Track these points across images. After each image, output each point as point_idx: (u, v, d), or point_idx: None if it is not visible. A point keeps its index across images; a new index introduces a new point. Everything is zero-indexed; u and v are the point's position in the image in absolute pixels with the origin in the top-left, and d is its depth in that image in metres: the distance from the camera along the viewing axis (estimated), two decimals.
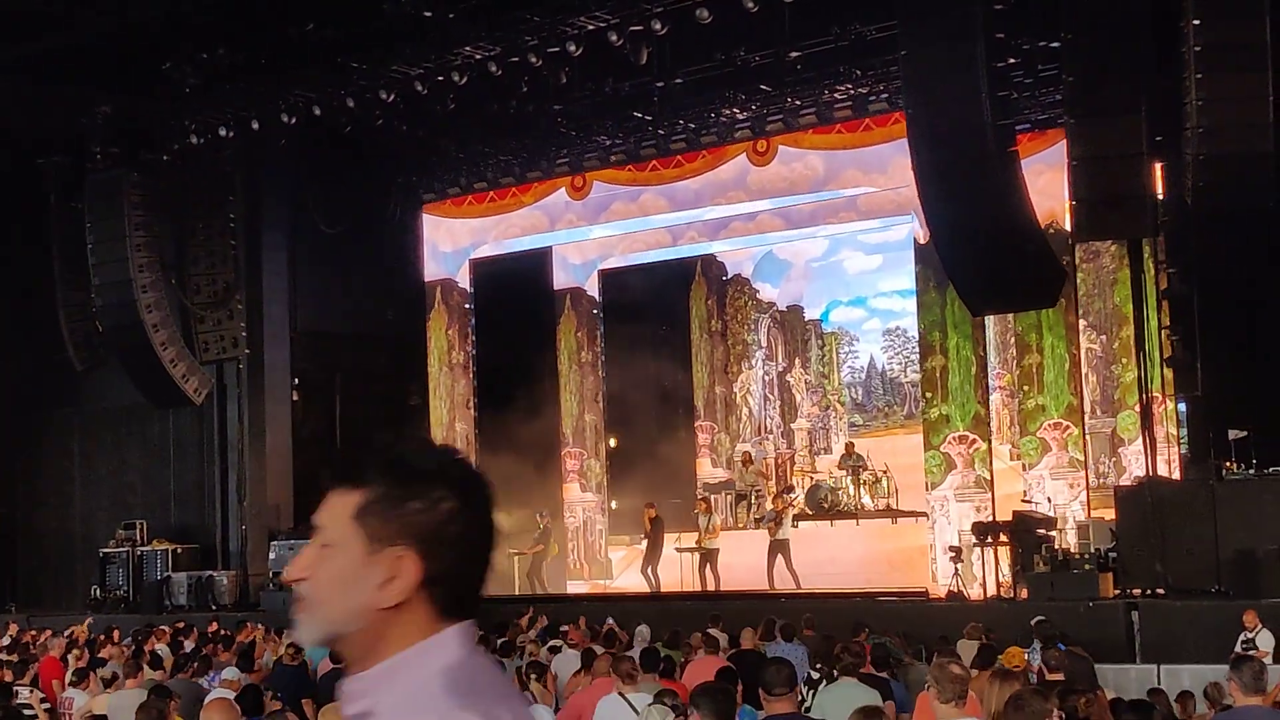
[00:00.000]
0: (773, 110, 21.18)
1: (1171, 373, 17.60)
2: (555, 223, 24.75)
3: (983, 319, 19.87)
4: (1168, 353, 17.41)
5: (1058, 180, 17.35)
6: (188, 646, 15.58)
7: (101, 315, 22.41)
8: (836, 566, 21.04)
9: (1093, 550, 16.46)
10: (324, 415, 24.15)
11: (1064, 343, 19.91)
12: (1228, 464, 15.53)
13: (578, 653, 12.37)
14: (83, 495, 26.19)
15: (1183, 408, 17.79)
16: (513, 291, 25.28)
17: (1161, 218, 16.22)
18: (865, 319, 24.96)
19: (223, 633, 17.00)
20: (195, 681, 11.94)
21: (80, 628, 18.30)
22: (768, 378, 25.89)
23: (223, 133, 21.16)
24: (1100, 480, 19.46)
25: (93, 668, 12.88)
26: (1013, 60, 16.50)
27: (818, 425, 25.31)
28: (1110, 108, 14.53)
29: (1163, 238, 17.15)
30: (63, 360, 24.43)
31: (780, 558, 20.21)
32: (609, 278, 26.08)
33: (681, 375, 26.04)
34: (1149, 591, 15.45)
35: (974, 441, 20.08)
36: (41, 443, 26.92)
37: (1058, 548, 16.98)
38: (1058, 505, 19.08)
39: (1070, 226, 16.80)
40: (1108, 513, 17.46)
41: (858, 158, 21.37)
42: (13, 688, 11.97)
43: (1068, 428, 19.78)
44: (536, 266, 25.53)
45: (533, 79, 18.76)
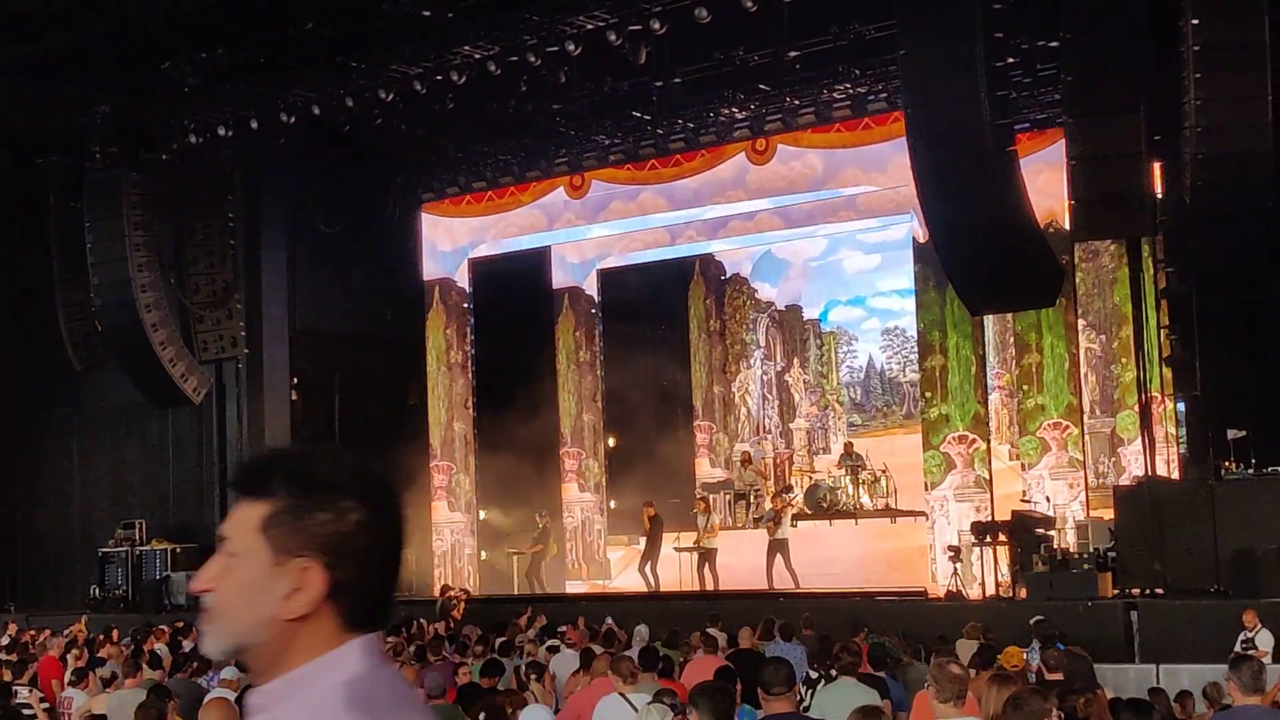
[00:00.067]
0: (771, 110, 21.16)
1: (1170, 372, 17.61)
2: (554, 222, 24.71)
3: (982, 318, 19.85)
4: (1167, 352, 17.41)
5: (1057, 179, 17.33)
6: (187, 646, 15.55)
7: (100, 315, 22.39)
8: (835, 566, 21.04)
9: (1092, 550, 16.46)
10: (323, 415, 24.13)
11: (1063, 342, 19.89)
12: (1227, 463, 15.55)
13: (576, 653, 12.38)
14: (82, 495, 26.17)
15: (1182, 407, 17.80)
16: (511, 291, 25.25)
17: (1160, 217, 16.22)
18: (864, 318, 24.97)
19: None
20: (194, 681, 11.94)
21: (78, 626, 18.30)
22: (766, 377, 25.90)
23: (222, 132, 21.14)
24: (1099, 480, 19.45)
25: (92, 667, 12.87)
26: (1012, 60, 16.49)
27: (816, 425, 25.33)
28: (1109, 107, 14.53)
29: (1161, 237, 17.14)
30: (62, 360, 24.41)
31: (779, 557, 20.20)
32: (607, 277, 26.05)
33: (680, 375, 26.06)
34: (1148, 591, 15.46)
35: (973, 441, 20.06)
36: (41, 442, 26.91)
37: (1057, 547, 16.99)
38: (1057, 505, 19.08)
39: (1069, 226, 16.79)
40: (1107, 512, 17.46)
41: (857, 157, 21.32)
42: (12, 687, 11.97)
43: (1067, 427, 19.76)
44: (535, 266, 25.50)
45: (532, 78, 18.75)
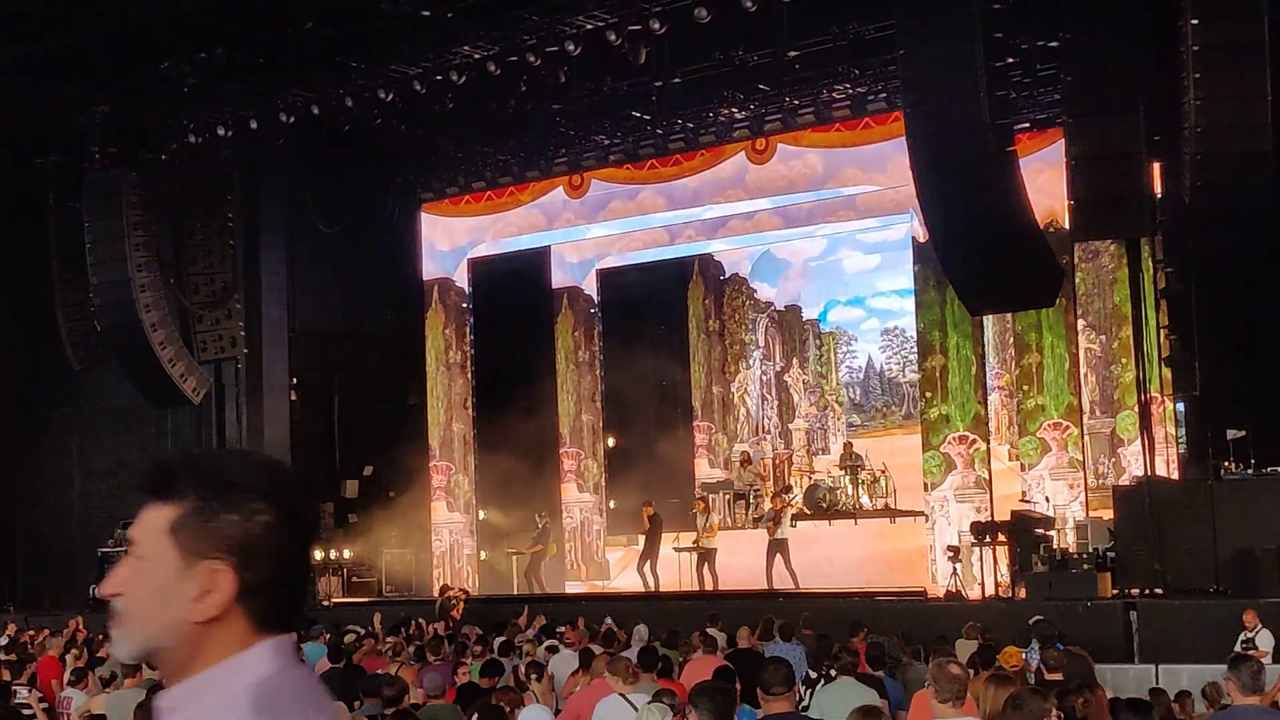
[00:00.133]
0: (771, 110, 21.16)
1: (1170, 372, 17.59)
2: (553, 222, 24.70)
3: (982, 319, 19.84)
4: (1166, 352, 17.39)
5: (1056, 179, 17.31)
6: None
7: (100, 315, 22.37)
8: (835, 566, 21.02)
9: (1091, 550, 16.45)
10: (322, 415, 24.15)
11: (1063, 342, 19.88)
12: (1226, 464, 15.54)
13: (575, 653, 12.37)
14: (81, 495, 26.17)
15: (1181, 407, 17.80)
16: (510, 291, 25.24)
17: (1160, 217, 16.21)
18: (863, 318, 24.95)
19: None
20: None
21: (75, 623, 18.27)
22: (765, 377, 25.89)
23: (221, 132, 21.14)
24: (1099, 480, 19.43)
25: (91, 667, 12.88)
26: (1011, 59, 16.49)
27: (816, 425, 25.31)
28: (1109, 107, 14.54)
29: (1161, 237, 17.12)
30: (61, 360, 24.37)
31: (778, 557, 20.18)
32: (607, 277, 26.03)
33: (679, 375, 26.04)
34: (1147, 591, 15.46)
35: (973, 441, 20.05)
36: (40, 442, 26.90)
37: (1056, 547, 16.98)
38: (1057, 505, 19.07)
39: (1069, 226, 16.78)
40: (1106, 512, 17.45)
41: (856, 156, 21.31)
42: (11, 687, 11.96)
43: (1067, 428, 19.75)
44: (534, 265, 25.48)
45: (531, 78, 18.75)
